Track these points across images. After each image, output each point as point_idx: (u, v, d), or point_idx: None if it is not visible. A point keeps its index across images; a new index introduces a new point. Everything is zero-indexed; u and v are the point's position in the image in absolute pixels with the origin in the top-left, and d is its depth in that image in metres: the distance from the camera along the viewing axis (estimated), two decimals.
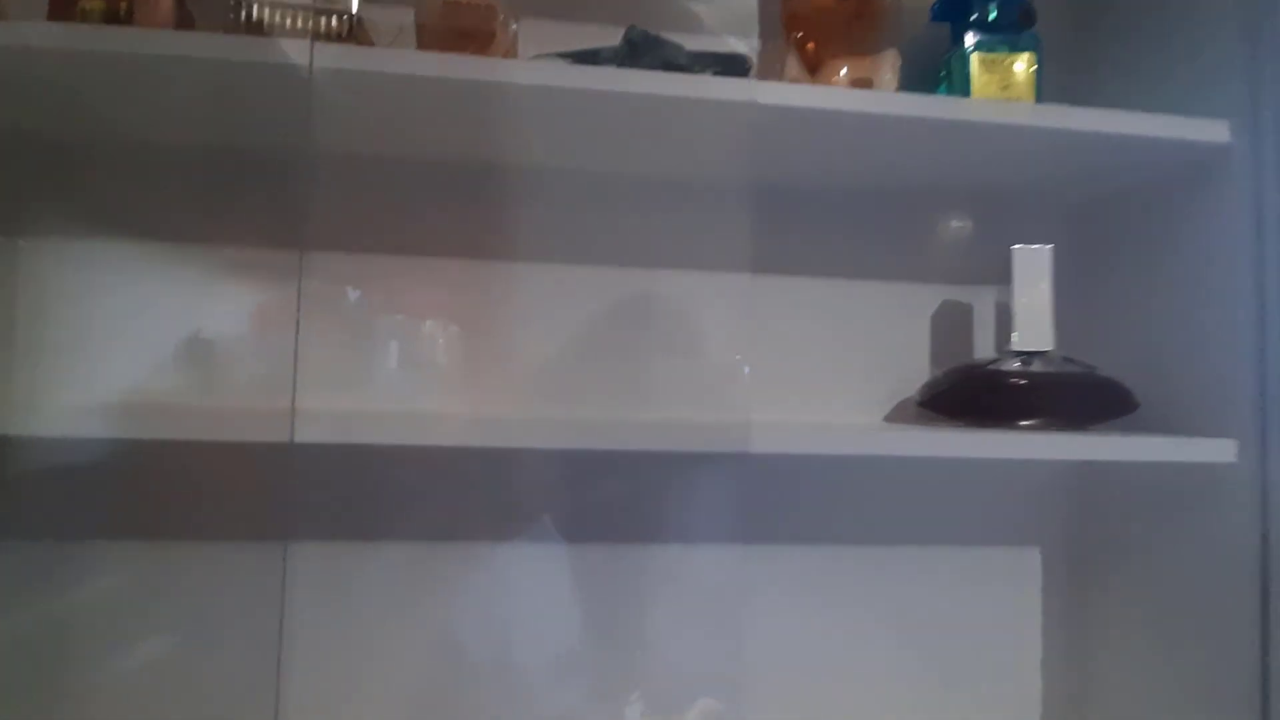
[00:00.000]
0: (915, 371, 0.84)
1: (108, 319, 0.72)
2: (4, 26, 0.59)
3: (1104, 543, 0.83)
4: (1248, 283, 0.67)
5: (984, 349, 0.85)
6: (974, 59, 0.72)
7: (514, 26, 0.69)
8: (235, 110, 0.69)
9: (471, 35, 0.68)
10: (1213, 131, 0.68)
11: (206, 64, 0.59)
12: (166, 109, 0.69)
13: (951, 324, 0.85)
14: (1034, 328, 0.73)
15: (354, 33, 0.69)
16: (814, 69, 0.74)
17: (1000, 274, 0.76)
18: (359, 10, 0.69)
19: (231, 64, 0.59)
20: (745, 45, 0.81)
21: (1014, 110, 0.67)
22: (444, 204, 0.78)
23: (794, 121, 0.65)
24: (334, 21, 0.68)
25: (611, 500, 0.79)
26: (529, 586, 0.78)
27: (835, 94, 0.64)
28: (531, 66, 0.61)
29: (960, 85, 0.74)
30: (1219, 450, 0.66)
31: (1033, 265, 0.74)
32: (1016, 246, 0.74)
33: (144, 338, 0.73)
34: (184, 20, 0.69)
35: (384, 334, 0.78)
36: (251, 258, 0.75)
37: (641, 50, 0.64)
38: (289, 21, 0.68)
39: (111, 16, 0.64)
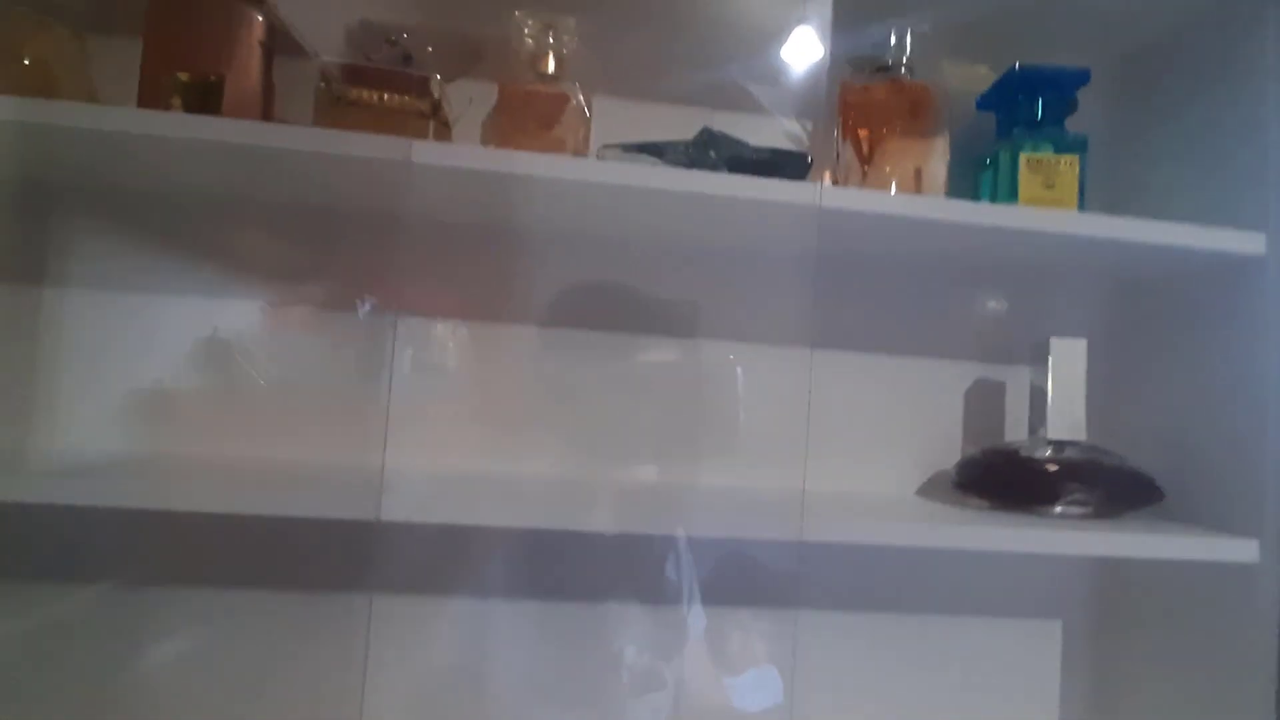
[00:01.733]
0: (947, 444, 0.87)
1: (182, 366, 0.77)
2: (99, 112, 0.60)
3: (1125, 620, 0.85)
4: (1277, 386, 0.70)
5: (1015, 426, 0.88)
6: (1021, 159, 0.75)
7: (587, 114, 0.73)
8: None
9: (545, 121, 0.72)
10: (1249, 243, 0.71)
11: (300, 155, 0.62)
12: (251, 180, 0.73)
13: (984, 401, 0.88)
14: (1067, 418, 0.76)
15: (437, 110, 0.73)
16: (867, 156, 0.78)
17: (1033, 354, 0.80)
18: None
19: (326, 156, 0.62)
20: (802, 127, 0.86)
21: (1058, 219, 0.70)
22: (507, 269, 0.82)
23: (851, 220, 0.69)
24: (422, 102, 0.72)
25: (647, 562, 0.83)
26: (577, 643, 0.81)
27: (891, 200, 0.68)
28: (606, 168, 0.65)
29: (1006, 181, 0.77)
30: (1241, 550, 0.69)
31: (1069, 357, 0.77)
32: (1054, 339, 0.77)
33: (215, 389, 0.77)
34: (268, 89, 0.73)
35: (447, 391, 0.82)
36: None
37: (710, 147, 0.67)
38: (377, 97, 0.72)
39: (201, 90, 0.68)
